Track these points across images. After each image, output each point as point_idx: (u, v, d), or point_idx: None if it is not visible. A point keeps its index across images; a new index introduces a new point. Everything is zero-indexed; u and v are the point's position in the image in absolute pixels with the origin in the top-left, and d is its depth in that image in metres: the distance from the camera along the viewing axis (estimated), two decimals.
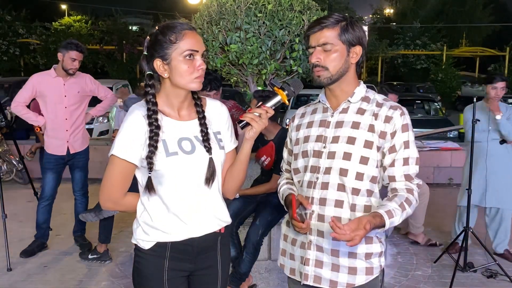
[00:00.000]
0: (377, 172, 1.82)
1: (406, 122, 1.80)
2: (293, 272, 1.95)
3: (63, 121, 4.24)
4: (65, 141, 4.27)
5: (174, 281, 1.78)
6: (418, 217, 4.65)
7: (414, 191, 1.80)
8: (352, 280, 1.82)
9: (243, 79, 4.14)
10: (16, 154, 6.58)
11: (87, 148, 4.46)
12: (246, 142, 1.80)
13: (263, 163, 3.59)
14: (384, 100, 1.87)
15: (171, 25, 1.71)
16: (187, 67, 1.68)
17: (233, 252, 3.48)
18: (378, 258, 1.86)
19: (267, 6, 3.67)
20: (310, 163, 1.87)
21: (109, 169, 1.72)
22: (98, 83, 4.50)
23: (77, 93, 4.27)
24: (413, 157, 1.81)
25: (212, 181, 1.75)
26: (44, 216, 4.36)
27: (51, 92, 4.20)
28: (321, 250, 1.84)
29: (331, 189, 1.81)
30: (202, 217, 1.77)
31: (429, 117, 11.64)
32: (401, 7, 39.99)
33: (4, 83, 11.24)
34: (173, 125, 1.74)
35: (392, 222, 1.72)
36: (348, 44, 1.80)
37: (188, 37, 1.68)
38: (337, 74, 1.81)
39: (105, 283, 3.84)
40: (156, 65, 1.70)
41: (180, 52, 1.67)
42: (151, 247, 1.75)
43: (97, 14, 32.05)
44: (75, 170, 4.40)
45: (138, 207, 1.79)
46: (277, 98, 1.79)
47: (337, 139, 1.82)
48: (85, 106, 4.41)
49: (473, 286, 3.84)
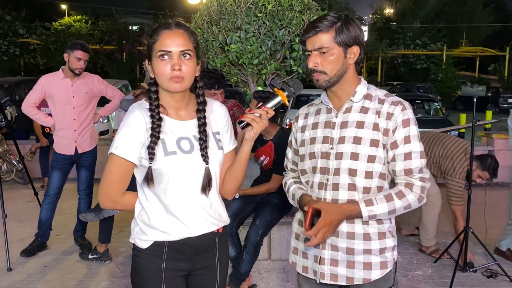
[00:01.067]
0: (385, 169, 1.84)
1: (408, 117, 1.80)
2: (306, 270, 1.96)
3: (71, 121, 4.29)
4: (73, 141, 4.32)
5: (171, 281, 1.78)
6: (428, 228, 4.41)
7: (414, 186, 1.79)
8: (368, 275, 1.84)
9: (243, 79, 4.14)
10: (16, 154, 6.59)
11: (95, 148, 4.49)
12: (246, 143, 1.80)
13: (262, 163, 3.59)
14: (386, 95, 1.87)
15: (158, 26, 1.74)
16: (159, 67, 1.69)
17: (233, 252, 3.48)
18: (391, 252, 1.89)
19: (267, 6, 3.67)
20: (318, 164, 1.88)
21: (108, 168, 1.72)
22: (106, 83, 4.54)
23: (85, 94, 4.31)
24: (415, 151, 1.80)
25: (208, 189, 1.76)
26: (47, 214, 4.37)
27: (60, 93, 4.25)
28: (336, 249, 1.85)
29: (342, 190, 1.83)
30: (200, 216, 1.77)
31: (429, 117, 11.65)
32: (401, 7, 40.01)
33: (4, 83, 11.23)
34: (172, 124, 1.75)
35: (371, 210, 1.75)
36: (345, 45, 1.80)
37: (163, 38, 1.68)
38: (335, 76, 1.81)
39: (105, 283, 3.84)
40: (145, 65, 1.76)
41: (155, 52, 1.69)
42: (149, 246, 1.76)
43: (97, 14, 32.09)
44: (81, 168, 4.44)
45: (136, 207, 1.80)
46: (278, 99, 1.80)
47: (343, 139, 1.83)
48: (94, 106, 4.45)
49: (473, 286, 3.84)
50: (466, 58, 33.99)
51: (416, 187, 1.80)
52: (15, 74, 23.64)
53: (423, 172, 1.82)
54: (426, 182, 1.82)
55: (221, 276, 1.90)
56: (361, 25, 18.59)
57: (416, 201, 1.80)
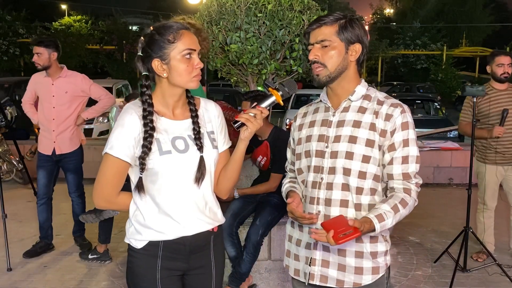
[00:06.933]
0: (380, 171, 1.82)
1: (407, 120, 1.79)
2: (298, 273, 1.95)
3: (50, 121, 4.17)
4: (51, 141, 4.20)
5: (167, 280, 1.78)
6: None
7: (411, 191, 1.79)
8: (359, 280, 1.82)
9: (243, 79, 4.14)
10: (16, 154, 6.58)
11: (77, 150, 4.30)
12: (241, 142, 1.80)
13: (260, 164, 3.59)
14: (386, 97, 1.86)
15: (167, 25, 1.71)
16: (186, 66, 1.69)
17: (233, 252, 3.48)
18: (384, 257, 1.87)
19: (267, 6, 3.67)
20: (313, 163, 1.87)
21: (102, 167, 1.72)
22: (92, 83, 4.30)
23: (65, 93, 4.14)
24: (412, 156, 1.80)
25: (201, 180, 1.75)
26: (42, 216, 4.34)
27: (42, 91, 4.20)
28: (327, 250, 1.84)
29: (335, 189, 1.81)
30: (195, 216, 1.77)
31: (429, 117, 11.66)
32: (401, 7, 40.00)
33: (4, 83, 11.24)
34: (168, 124, 1.75)
35: (383, 225, 1.72)
36: (347, 41, 1.80)
37: (185, 37, 1.70)
38: (335, 71, 1.81)
39: (105, 283, 3.84)
40: (155, 66, 1.71)
41: (179, 51, 1.68)
42: (144, 246, 1.76)
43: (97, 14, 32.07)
44: (67, 172, 4.33)
45: (130, 207, 1.80)
46: (272, 99, 1.81)
47: (339, 138, 1.82)
48: (78, 108, 4.25)
49: (473, 286, 3.83)
50: (466, 58, 33.96)
51: (413, 192, 1.80)
52: (15, 74, 23.62)
53: (418, 178, 1.83)
54: (419, 188, 1.83)
55: (217, 276, 1.90)
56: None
57: (412, 207, 1.81)
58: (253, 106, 1.78)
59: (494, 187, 4.18)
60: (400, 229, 5.02)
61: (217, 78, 6.79)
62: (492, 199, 4.22)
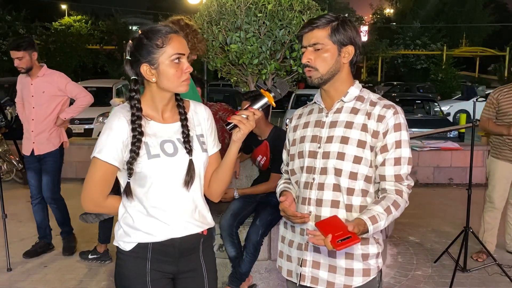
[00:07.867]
0: (371, 172, 1.81)
1: (399, 122, 1.79)
2: (290, 274, 1.95)
3: (30, 122, 4.14)
4: (31, 142, 4.15)
5: (157, 283, 1.77)
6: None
7: (403, 193, 1.79)
8: (349, 282, 1.81)
9: (243, 79, 4.14)
10: (16, 154, 6.60)
11: (54, 151, 4.21)
12: (233, 144, 1.78)
13: (259, 164, 3.59)
14: (379, 99, 1.86)
15: (155, 29, 1.69)
16: (175, 70, 1.68)
17: (233, 252, 3.48)
18: (375, 259, 1.85)
19: (267, 6, 3.68)
20: (305, 163, 1.87)
21: (90, 171, 1.71)
22: (68, 81, 4.20)
23: (42, 93, 4.09)
24: (405, 157, 1.79)
25: (191, 183, 1.75)
26: (38, 216, 4.34)
27: (24, 91, 4.20)
28: (318, 251, 1.83)
29: (327, 190, 1.81)
30: (183, 219, 1.76)
31: (429, 117, 11.65)
32: (401, 7, 40.02)
33: (4, 83, 11.23)
34: (157, 127, 1.74)
35: (376, 227, 1.71)
36: (339, 44, 1.80)
37: (174, 41, 1.68)
38: (327, 74, 1.81)
39: (105, 283, 3.84)
40: (143, 70, 1.69)
41: (167, 56, 1.66)
42: (132, 248, 1.74)
43: (97, 14, 32.10)
44: (43, 173, 4.26)
45: (119, 209, 1.79)
46: (264, 100, 1.80)
47: (331, 139, 1.82)
48: (58, 107, 4.17)
49: (473, 286, 3.83)
50: (466, 58, 34.01)
51: (405, 194, 1.80)
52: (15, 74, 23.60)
53: (410, 180, 1.82)
54: (410, 190, 1.83)
55: (210, 280, 1.88)
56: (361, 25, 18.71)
57: (404, 209, 1.80)
58: (245, 108, 1.78)
59: (505, 186, 4.20)
60: (400, 229, 5.03)
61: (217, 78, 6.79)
62: (501, 198, 4.23)
